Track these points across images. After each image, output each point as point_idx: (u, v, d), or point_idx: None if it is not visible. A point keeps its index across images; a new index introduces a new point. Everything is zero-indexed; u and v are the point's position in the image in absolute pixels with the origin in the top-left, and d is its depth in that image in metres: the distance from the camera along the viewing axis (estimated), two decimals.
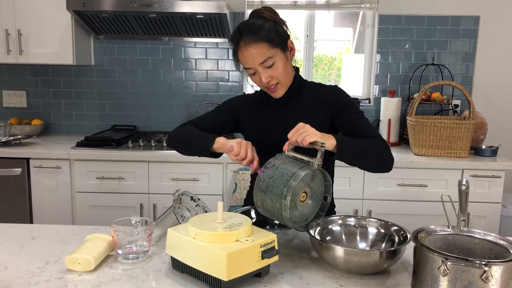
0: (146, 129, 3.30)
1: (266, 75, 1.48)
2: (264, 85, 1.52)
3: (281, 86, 1.54)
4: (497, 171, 2.61)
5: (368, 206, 2.67)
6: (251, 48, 1.45)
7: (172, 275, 1.19)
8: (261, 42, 1.45)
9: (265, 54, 1.46)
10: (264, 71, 1.48)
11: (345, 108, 1.55)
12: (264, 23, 1.48)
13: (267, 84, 1.50)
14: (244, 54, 1.47)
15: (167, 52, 3.23)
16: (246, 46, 1.46)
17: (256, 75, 1.51)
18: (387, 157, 1.42)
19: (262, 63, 1.47)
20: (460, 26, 3.11)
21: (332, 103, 1.56)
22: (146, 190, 2.70)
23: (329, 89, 1.61)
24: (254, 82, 1.56)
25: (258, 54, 1.46)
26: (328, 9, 3.19)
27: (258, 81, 1.52)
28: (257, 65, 1.47)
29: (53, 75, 3.26)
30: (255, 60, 1.46)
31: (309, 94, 1.60)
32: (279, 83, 1.52)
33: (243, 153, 1.37)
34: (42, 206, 2.72)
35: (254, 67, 1.48)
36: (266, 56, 1.46)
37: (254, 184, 1.26)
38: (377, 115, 3.18)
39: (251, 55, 1.46)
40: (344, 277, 1.20)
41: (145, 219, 1.30)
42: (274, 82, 1.51)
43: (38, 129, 3.17)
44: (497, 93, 3.17)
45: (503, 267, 0.98)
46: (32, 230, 1.49)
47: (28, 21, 2.86)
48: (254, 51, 1.45)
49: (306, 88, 1.61)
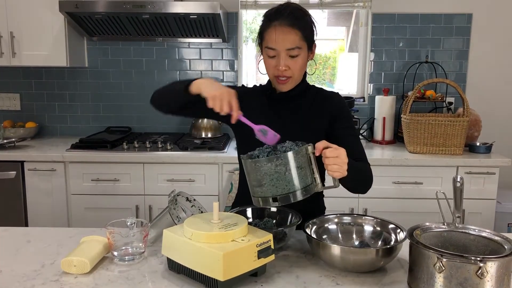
0: (141, 130, 3.29)
1: (286, 63, 1.45)
2: (277, 73, 1.48)
3: (292, 81, 1.51)
4: (492, 167, 2.62)
5: (364, 204, 2.68)
6: (287, 31, 1.42)
7: (168, 276, 1.18)
8: (297, 29, 1.43)
9: (295, 43, 1.43)
10: (286, 58, 1.45)
11: (343, 119, 1.56)
12: (305, 16, 1.47)
13: (281, 72, 1.46)
14: (278, 33, 1.42)
15: (161, 53, 3.22)
16: (282, 26, 1.42)
17: (275, 59, 1.46)
18: (371, 182, 1.50)
19: (290, 49, 1.43)
20: (453, 24, 3.12)
21: (332, 110, 1.56)
22: (141, 192, 2.69)
23: (331, 95, 1.61)
24: (266, 66, 1.51)
25: (290, 39, 1.43)
26: (321, 8, 3.20)
27: (273, 66, 1.47)
28: (284, 49, 1.43)
29: (47, 77, 3.25)
30: (285, 43, 1.43)
31: (312, 97, 1.59)
32: (292, 78, 1.49)
33: (218, 107, 1.32)
34: (37, 209, 2.71)
35: (279, 49, 1.44)
36: (296, 45, 1.43)
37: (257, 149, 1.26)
38: (371, 114, 3.19)
39: (283, 37, 1.42)
40: (340, 275, 1.20)
41: (141, 221, 1.30)
42: (288, 74, 1.47)
43: (32, 132, 3.15)
44: (490, 90, 3.18)
45: (498, 262, 0.99)
46: (27, 233, 1.49)
47: (21, 23, 2.84)
48: (288, 35, 1.42)
49: (310, 91, 1.60)
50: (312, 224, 1.35)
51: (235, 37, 3.18)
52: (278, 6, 1.48)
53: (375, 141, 3.10)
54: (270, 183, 1.19)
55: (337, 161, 1.24)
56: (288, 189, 1.19)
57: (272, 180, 1.18)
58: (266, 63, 1.51)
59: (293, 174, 1.19)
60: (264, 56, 1.51)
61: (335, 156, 1.24)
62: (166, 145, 2.74)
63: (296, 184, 1.19)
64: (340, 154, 1.24)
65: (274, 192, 1.19)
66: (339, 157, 1.24)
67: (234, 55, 3.21)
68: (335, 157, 1.24)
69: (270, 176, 1.18)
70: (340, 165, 1.24)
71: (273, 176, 1.18)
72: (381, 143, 3.05)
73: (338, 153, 1.24)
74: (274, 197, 1.19)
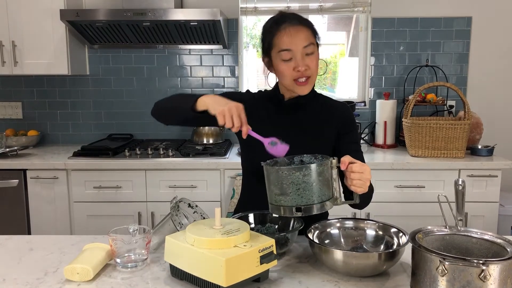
0: (142, 137, 3.30)
1: (304, 62, 1.42)
2: (296, 76, 1.44)
3: (310, 82, 1.48)
4: (494, 170, 2.62)
5: (366, 208, 2.64)
6: (299, 29, 1.42)
7: (171, 283, 1.18)
8: (307, 26, 1.44)
9: (309, 38, 1.43)
10: (303, 58, 1.43)
11: (349, 132, 1.56)
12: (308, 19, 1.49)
13: (301, 73, 1.43)
14: (291, 33, 1.41)
15: (162, 60, 3.23)
16: (293, 26, 1.42)
17: (291, 62, 1.43)
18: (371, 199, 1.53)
19: (305, 47, 1.42)
20: (453, 27, 3.13)
21: (341, 122, 1.56)
22: (143, 198, 2.69)
23: (341, 106, 1.61)
24: (283, 72, 1.46)
25: (304, 37, 1.42)
26: (321, 14, 3.21)
27: (290, 69, 1.44)
28: (300, 48, 1.41)
29: (48, 85, 3.26)
30: (300, 41, 1.41)
31: (320, 105, 1.58)
32: (311, 78, 1.46)
33: (228, 123, 1.30)
34: (39, 217, 2.72)
35: (295, 49, 1.42)
36: (310, 41, 1.43)
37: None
38: (372, 118, 3.20)
39: (297, 36, 1.41)
40: (343, 280, 1.20)
41: (143, 227, 1.30)
42: (308, 73, 1.44)
43: (34, 140, 3.16)
44: (491, 92, 3.18)
45: (501, 265, 0.99)
46: (30, 241, 1.49)
47: (23, 32, 2.86)
48: (301, 32, 1.42)
49: (318, 99, 1.59)
50: (314, 229, 1.35)
51: (235, 43, 3.19)
52: (278, 13, 1.49)
53: (376, 145, 3.10)
54: (296, 192, 1.20)
55: (362, 177, 1.25)
56: (312, 200, 1.20)
57: (299, 189, 1.20)
58: (281, 69, 1.46)
59: (319, 185, 1.20)
60: (277, 63, 1.46)
61: (361, 172, 1.25)
62: (168, 151, 2.75)
63: (320, 196, 1.21)
64: (365, 170, 1.26)
65: (299, 202, 1.20)
66: (364, 173, 1.25)
67: (234, 61, 3.22)
68: (361, 173, 1.25)
69: (297, 186, 1.19)
70: (364, 181, 1.26)
71: (300, 186, 1.19)
72: (382, 147, 3.05)
73: (364, 169, 1.26)
74: (298, 207, 1.20)
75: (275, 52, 1.46)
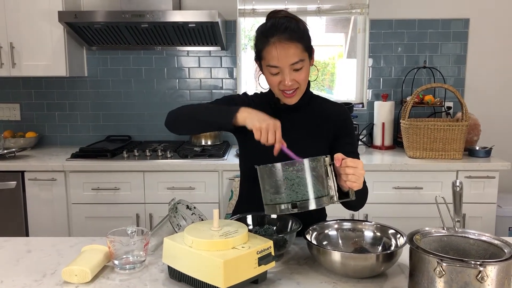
0: (141, 139, 3.29)
1: (291, 77, 1.41)
2: (283, 88, 1.44)
3: (298, 92, 1.48)
4: (491, 171, 2.63)
5: (364, 209, 2.67)
6: (288, 46, 1.38)
7: (169, 284, 1.18)
8: (297, 42, 1.39)
9: (298, 56, 1.40)
10: (290, 73, 1.41)
11: (347, 135, 1.56)
12: (298, 23, 1.44)
13: (289, 87, 1.43)
14: (279, 50, 1.38)
15: (160, 62, 3.24)
16: (282, 43, 1.38)
17: (278, 76, 1.42)
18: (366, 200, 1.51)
19: (293, 64, 1.40)
20: (450, 29, 3.14)
21: (338, 124, 1.56)
22: (142, 200, 2.69)
23: (337, 108, 1.60)
24: (270, 84, 1.47)
25: (293, 54, 1.39)
26: (319, 15, 3.21)
27: (277, 83, 1.44)
28: (288, 65, 1.40)
29: (47, 87, 3.26)
30: (288, 59, 1.39)
31: (317, 107, 1.58)
32: (298, 89, 1.46)
33: (264, 139, 1.30)
34: (37, 219, 2.71)
35: (283, 66, 1.40)
36: (299, 58, 1.40)
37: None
38: (370, 119, 3.20)
39: (285, 53, 1.38)
40: (341, 281, 1.20)
41: (141, 229, 1.30)
42: (295, 86, 1.44)
43: (33, 142, 3.16)
44: (489, 94, 3.19)
45: (498, 266, 0.99)
46: (28, 243, 1.49)
47: (21, 34, 2.86)
48: (289, 50, 1.38)
49: (314, 101, 1.59)
50: (312, 231, 1.35)
51: (233, 45, 3.20)
52: (270, 20, 1.45)
53: (374, 146, 3.11)
54: (290, 188, 1.19)
55: (357, 172, 1.24)
56: (308, 195, 1.19)
57: (293, 185, 1.19)
58: (269, 81, 1.47)
59: (313, 181, 1.19)
60: (266, 74, 1.47)
61: (355, 167, 1.24)
62: (166, 153, 2.75)
63: (315, 192, 1.19)
64: (359, 165, 1.25)
65: (294, 198, 1.19)
66: (358, 168, 1.25)
67: (233, 62, 3.22)
68: (355, 167, 1.24)
69: (291, 181, 1.19)
70: (358, 176, 1.25)
71: (294, 181, 1.18)
72: (380, 149, 3.06)
73: (357, 163, 1.25)
74: (294, 203, 1.19)
75: (264, 63, 1.47)
